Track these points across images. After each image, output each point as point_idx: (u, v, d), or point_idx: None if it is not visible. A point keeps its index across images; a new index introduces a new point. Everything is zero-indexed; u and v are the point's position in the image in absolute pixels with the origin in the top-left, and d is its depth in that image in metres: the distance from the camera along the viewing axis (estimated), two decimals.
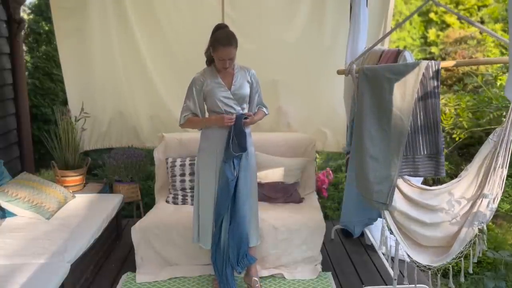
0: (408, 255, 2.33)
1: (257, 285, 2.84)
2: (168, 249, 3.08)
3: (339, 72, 2.68)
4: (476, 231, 2.05)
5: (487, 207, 2.03)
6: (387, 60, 2.72)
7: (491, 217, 2.06)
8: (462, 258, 2.12)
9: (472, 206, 2.07)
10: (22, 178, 3.31)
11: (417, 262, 2.29)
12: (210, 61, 2.72)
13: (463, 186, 2.12)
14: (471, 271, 2.14)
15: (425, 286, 2.69)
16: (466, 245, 2.08)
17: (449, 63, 2.19)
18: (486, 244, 2.09)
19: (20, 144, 4.00)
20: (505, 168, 2.00)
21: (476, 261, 2.12)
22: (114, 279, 3.05)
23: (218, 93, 2.64)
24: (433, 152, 2.20)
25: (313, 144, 3.73)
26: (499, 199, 2.03)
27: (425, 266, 2.28)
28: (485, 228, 2.04)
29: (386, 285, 2.95)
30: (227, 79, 2.68)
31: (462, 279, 2.18)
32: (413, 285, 2.55)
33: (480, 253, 2.10)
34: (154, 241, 3.05)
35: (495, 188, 2.03)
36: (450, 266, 2.14)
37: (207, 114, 2.78)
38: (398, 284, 2.63)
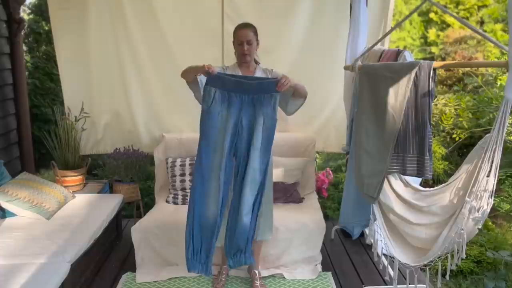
0: (390, 251, 2.35)
1: (256, 276, 2.87)
2: (168, 249, 3.08)
3: (346, 68, 2.83)
4: (456, 238, 1.97)
5: (468, 215, 1.93)
6: (387, 60, 2.73)
7: (477, 225, 1.94)
8: (440, 262, 2.10)
9: (455, 213, 2.01)
10: (22, 178, 3.31)
11: (397, 259, 2.32)
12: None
13: (451, 191, 2.08)
14: (447, 278, 2.11)
15: (425, 286, 2.69)
16: (444, 249, 2.06)
17: (441, 64, 2.18)
18: (464, 252, 1.97)
19: (20, 144, 3.99)
20: (494, 177, 1.88)
21: (454, 268, 2.07)
22: (114, 279, 3.05)
23: None
24: (420, 153, 2.21)
25: (313, 144, 3.74)
26: (485, 208, 1.90)
27: (403, 264, 2.29)
28: (464, 236, 1.94)
29: (386, 285, 2.95)
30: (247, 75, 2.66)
31: (439, 285, 2.18)
32: (413, 285, 2.55)
33: (458, 261, 2.02)
34: (154, 241, 3.05)
35: (480, 197, 1.91)
36: (439, 263, 2.12)
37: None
38: (398, 284, 2.63)
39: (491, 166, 1.89)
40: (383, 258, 2.86)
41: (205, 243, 2.51)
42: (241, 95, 2.43)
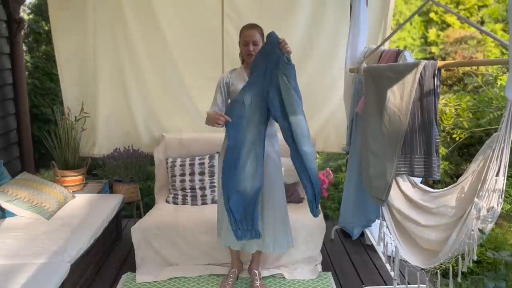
0: (400, 253, 2.34)
1: (256, 276, 2.87)
2: (168, 249, 3.08)
3: (351, 70, 2.85)
4: (466, 239, 1.94)
5: (477, 215, 1.90)
6: (387, 60, 2.72)
7: (487, 225, 1.91)
8: (450, 263, 2.09)
9: (464, 213, 1.98)
10: (22, 178, 3.31)
11: (407, 262, 2.31)
12: (242, 60, 2.74)
13: (460, 191, 2.06)
14: (459, 280, 2.10)
15: (425, 286, 2.69)
16: (454, 251, 2.05)
17: (447, 63, 2.18)
18: (475, 253, 1.95)
19: (20, 144, 3.99)
20: (503, 176, 1.86)
21: (465, 270, 2.07)
22: (114, 279, 3.05)
23: None
24: (427, 153, 2.20)
25: (313, 144, 3.73)
26: (496, 208, 1.88)
27: (413, 267, 2.28)
28: (475, 236, 1.91)
29: (386, 285, 2.95)
30: None
31: (451, 286, 2.16)
32: (413, 285, 2.55)
33: (470, 262, 2.01)
34: (154, 241, 3.05)
35: (489, 197, 1.89)
36: (450, 265, 2.12)
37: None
38: (398, 284, 2.63)
39: (500, 165, 1.87)
40: (389, 260, 2.85)
41: (248, 212, 2.54)
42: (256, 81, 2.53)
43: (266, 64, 2.49)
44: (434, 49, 7.87)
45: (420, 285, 2.44)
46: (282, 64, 2.45)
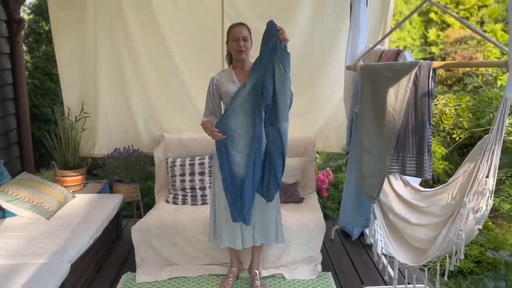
0: (390, 250, 2.35)
1: (256, 276, 2.88)
2: (168, 249, 3.08)
3: (348, 68, 2.86)
4: (454, 238, 1.96)
5: (466, 215, 1.91)
6: (387, 60, 2.73)
7: (476, 226, 1.93)
8: (438, 262, 2.10)
9: (453, 213, 2.00)
10: (22, 178, 3.31)
11: (395, 259, 2.32)
12: (230, 61, 2.74)
13: (451, 191, 2.07)
14: (445, 279, 2.10)
15: (424, 286, 2.69)
16: (442, 250, 2.05)
17: (440, 64, 2.18)
18: (463, 253, 1.95)
19: (20, 144, 3.99)
20: (493, 177, 1.86)
21: (452, 269, 2.07)
22: (114, 279, 3.05)
23: (230, 89, 2.63)
24: (419, 153, 2.21)
25: (313, 144, 3.74)
26: (484, 209, 1.89)
27: (402, 264, 2.29)
28: (463, 236, 1.93)
29: (386, 285, 2.95)
30: (241, 77, 2.66)
31: (438, 285, 2.16)
32: (412, 285, 2.55)
33: (457, 262, 2.00)
34: (154, 241, 3.05)
35: (478, 197, 1.90)
36: (438, 264, 2.12)
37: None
38: (398, 284, 2.63)
39: (490, 166, 1.87)
40: (383, 258, 2.87)
41: (241, 196, 2.64)
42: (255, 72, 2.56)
43: (264, 51, 2.50)
44: (434, 49, 7.87)
45: (408, 285, 2.45)
46: (280, 51, 2.44)
